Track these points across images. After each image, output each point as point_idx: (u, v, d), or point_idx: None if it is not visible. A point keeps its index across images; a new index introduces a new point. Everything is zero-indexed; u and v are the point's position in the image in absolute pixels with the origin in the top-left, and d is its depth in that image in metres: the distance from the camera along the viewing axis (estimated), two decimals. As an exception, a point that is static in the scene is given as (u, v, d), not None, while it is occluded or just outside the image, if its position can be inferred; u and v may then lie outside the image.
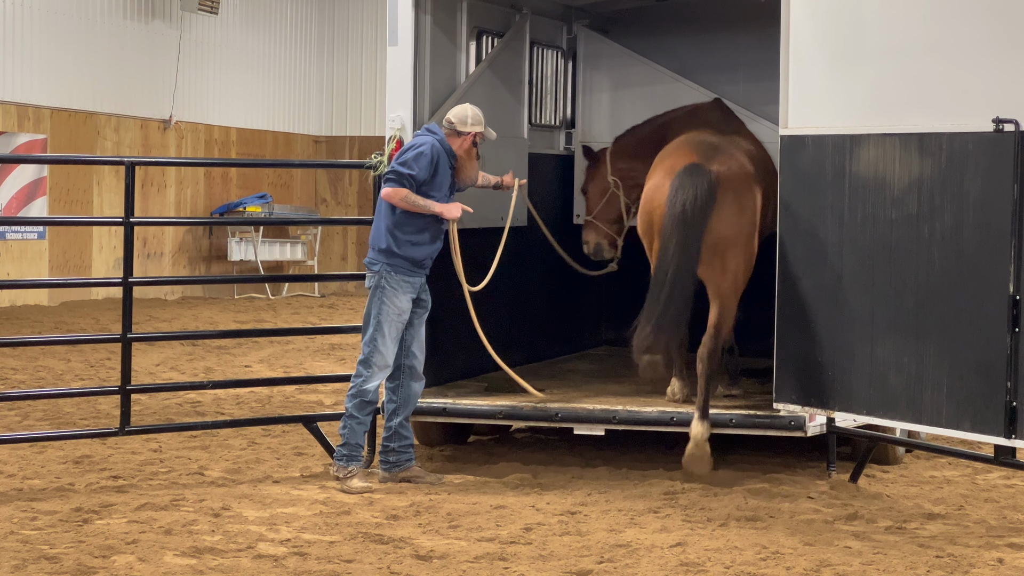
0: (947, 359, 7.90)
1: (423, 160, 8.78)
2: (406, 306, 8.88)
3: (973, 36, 7.86)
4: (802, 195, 8.64)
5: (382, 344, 8.81)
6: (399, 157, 8.90)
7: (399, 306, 8.84)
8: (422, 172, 8.77)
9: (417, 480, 8.91)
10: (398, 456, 8.98)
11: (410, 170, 8.77)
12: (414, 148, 8.86)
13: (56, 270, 21.37)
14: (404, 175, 8.77)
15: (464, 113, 8.97)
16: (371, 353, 8.82)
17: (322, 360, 15.82)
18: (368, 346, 8.84)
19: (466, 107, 9.03)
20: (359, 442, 8.87)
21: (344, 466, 8.79)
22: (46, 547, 7.08)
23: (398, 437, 8.98)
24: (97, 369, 14.43)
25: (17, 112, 20.87)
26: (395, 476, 8.94)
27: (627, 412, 9.26)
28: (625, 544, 7.29)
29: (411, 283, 8.88)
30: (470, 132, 8.94)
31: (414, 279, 8.89)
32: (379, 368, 8.83)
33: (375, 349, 8.81)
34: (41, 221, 22.65)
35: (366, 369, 8.83)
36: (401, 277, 8.84)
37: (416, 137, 9.04)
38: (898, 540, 7.46)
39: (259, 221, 12.37)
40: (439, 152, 8.86)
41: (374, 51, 27.02)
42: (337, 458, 8.86)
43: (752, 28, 11.09)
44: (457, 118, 8.95)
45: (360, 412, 8.84)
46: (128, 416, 9.02)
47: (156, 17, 23.64)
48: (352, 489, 8.67)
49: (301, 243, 25.81)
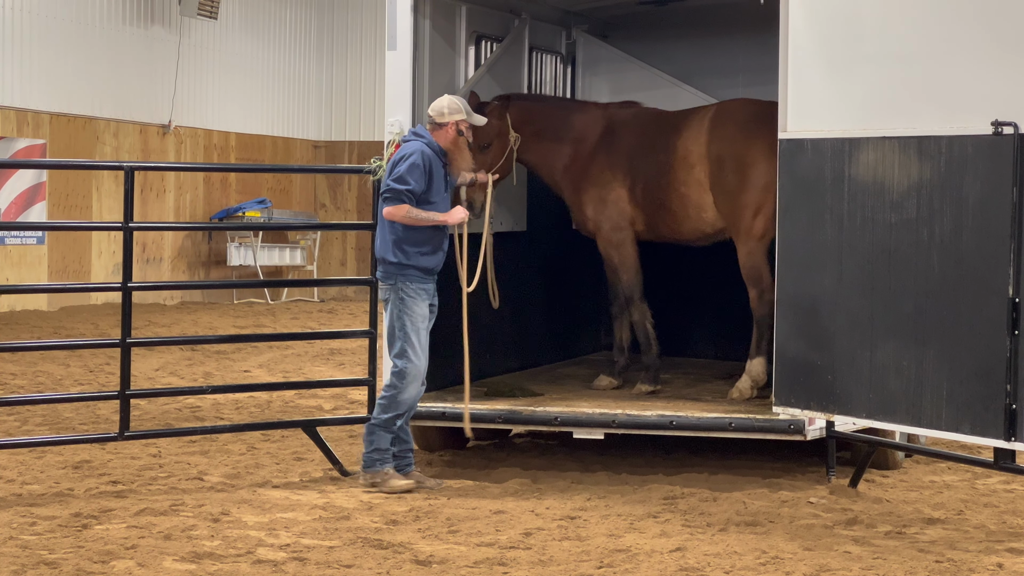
0: (947, 362, 7.89)
1: (416, 172, 8.74)
2: (426, 312, 8.89)
3: (972, 39, 7.85)
4: (801, 199, 8.63)
5: (414, 354, 8.80)
6: (391, 171, 8.83)
7: (421, 313, 8.86)
8: (419, 184, 8.75)
9: (419, 484, 8.90)
10: (398, 461, 8.97)
11: (407, 185, 8.72)
12: (405, 159, 8.79)
13: (55, 275, 21.36)
14: (402, 192, 8.72)
15: (440, 105, 8.95)
16: (405, 365, 8.80)
17: (321, 365, 15.82)
18: (400, 359, 8.80)
19: (443, 98, 9.01)
20: (385, 446, 8.88)
21: (379, 470, 8.81)
22: (45, 552, 7.08)
23: (398, 441, 8.98)
24: (96, 374, 14.43)
25: (16, 117, 20.88)
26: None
27: (626, 416, 9.25)
28: (624, 549, 7.28)
29: (426, 290, 8.89)
30: (449, 122, 8.91)
31: (428, 286, 8.90)
32: (414, 378, 8.82)
33: (408, 360, 8.79)
34: (40, 226, 22.67)
35: (400, 381, 8.80)
36: (417, 285, 8.84)
37: (404, 144, 8.99)
38: (898, 545, 7.45)
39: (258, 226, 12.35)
40: (429, 157, 8.82)
41: (373, 56, 27.03)
42: (367, 465, 8.86)
43: (751, 32, 11.09)
44: (435, 111, 8.94)
45: (391, 424, 8.85)
46: (127, 421, 9.01)
47: (155, 22, 23.66)
48: (395, 488, 8.70)
49: (300, 248, 25.82)
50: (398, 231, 8.85)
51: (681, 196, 10.13)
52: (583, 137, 10.42)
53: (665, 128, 10.37)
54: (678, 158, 10.11)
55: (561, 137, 10.38)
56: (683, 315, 11.98)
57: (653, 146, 10.31)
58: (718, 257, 10.86)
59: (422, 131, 8.98)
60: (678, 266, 11.55)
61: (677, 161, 10.11)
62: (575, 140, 10.41)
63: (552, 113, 10.53)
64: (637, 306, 10.40)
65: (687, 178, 10.08)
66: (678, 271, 11.69)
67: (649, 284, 10.82)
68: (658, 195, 10.24)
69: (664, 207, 10.24)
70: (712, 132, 10.00)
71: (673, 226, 10.31)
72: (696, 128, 10.10)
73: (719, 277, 11.45)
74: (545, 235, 11.25)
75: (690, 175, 10.06)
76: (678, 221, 10.25)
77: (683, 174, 10.09)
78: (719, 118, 10.05)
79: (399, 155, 8.89)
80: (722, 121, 10.01)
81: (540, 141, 10.30)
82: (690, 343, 12.03)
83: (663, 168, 10.19)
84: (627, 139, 10.42)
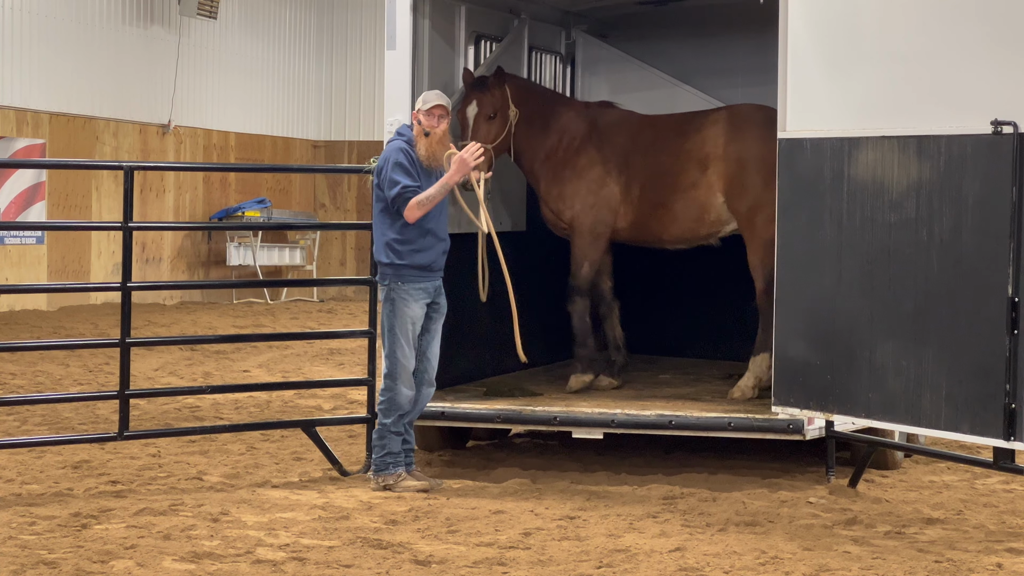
0: (946, 362, 7.89)
1: (400, 169, 8.68)
2: (419, 313, 8.83)
3: (971, 38, 7.85)
4: (800, 198, 8.63)
5: (402, 355, 8.79)
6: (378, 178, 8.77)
7: (411, 315, 8.80)
8: (409, 178, 8.67)
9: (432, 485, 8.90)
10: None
11: (400, 183, 8.63)
12: (388, 163, 8.73)
13: (55, 275, 21.36)
14: (400, 192, 8.61)
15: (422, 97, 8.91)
16: (393, 365, 8.80)
17: (321, 365, 15.82)
18: (389, 359, 8.81)
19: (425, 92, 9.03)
20: (396, 449, 8.87)
21: (391, 473, 8.81)
22: (45, 552, 7.07)
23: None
24: (96, 374, 14.42)
25: (16, 117, 20.88)
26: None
27: (626, 416, 9.25)
28: (624, 549, 7.28)
29: (423, 288, 8.80)
30: (420, 108, 8.81)
31: (427, 284, 8.81)
32: (404, 379, 8.82)
33: (396, 361, 8.79)
34: (40, 226, 22.68)
35: (393, 382, 8.81)
36: (411, 285, 8.78)
37: (386, 148, 8.93)
38: (897, 545, 7.45)
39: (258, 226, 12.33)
40: (407, 151, 8.74)
41: (372, 56, 27.02)
42: (378, 469, 8.84)
43: (750, 32, 11.10)
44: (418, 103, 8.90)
45: (396, 425, 8.84)
46: (127, 421, 9.01)
47: (155, 22, 23.66)
48: (409, 489, 8.70)
49: (300, 248, 25.82)
50: (387, 232, 8.79)
51: (688, 197, 10.17)
52: (570, 129, 10.42)
53: (667, 130, 10.40)
54: (690, 160, 10.16)
55: (549, 125, 10.37)
56: (680, 315, 11.98)
57: (654, 147, 10.33)
58: (716, 257, 10.87)
59: (404, 130, 8.95)
60: (675, 267, 11.55)
61: (688, 162, 10.16)
62: (561, 130, 10.40)
63: (543, 98, 10.54)
64: (584, 299, 10.44)
65: (698, 179, 10.12)
66: (675, 272, 11.69)
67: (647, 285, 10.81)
68: (659, 195, 10.25)
69: (663, 207, 10.25)
70: (730, 134, 10.05)
71: (665, 227, 10.33)
72: (711, 130, 10.15)
73: (716, 277, 11.47)
74: (544, 235, 11.24)
75: (702, 176, 10.10)
76: (675, 222, 10.27)
77: (695, 175, 10.13)
78: (736, 121, 10.12)
79: (381, 161, 8.83)
80: (740, 124, 10.08)
81: (528, 125, 10.28)
82: (688, 343, 12.03)
83: (668, 169, 10.22)
84: (621, 137, 10.44)
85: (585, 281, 10.43)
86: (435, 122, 8.78)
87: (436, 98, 8.83)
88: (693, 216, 10.21)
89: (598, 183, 10.33)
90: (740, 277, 10.23)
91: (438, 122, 8.78)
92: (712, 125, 10.20)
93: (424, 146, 8.77)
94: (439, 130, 8.77)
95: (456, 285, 9.31)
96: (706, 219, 10.19)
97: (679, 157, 10.23)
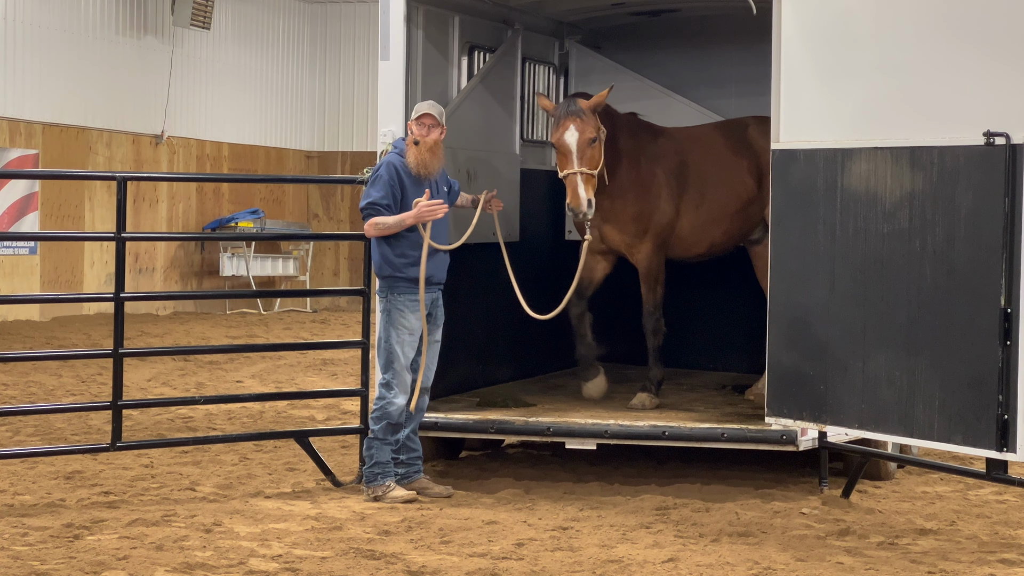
0: (939, 373, 7.89)
1: (379, 183, 8.78)
2: (416, 324, 8.86)
3: (964, 50, 7.86)
4: (794, 209, 8.64)
5: (399, 367, 8.82)
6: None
7: (408, 327, 8.85)
8: (383, 195, 8.74)
9: (426, 491, 8.91)
10: (407, 468, 8.98)
11: (369, 199, 8.78)
12: (374, 173, 8.89)
13: (47, 285, 21.34)
14: (366, 207, 8.79)
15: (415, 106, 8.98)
16: (391, 377, 8.83)
17: (314, 375, 15.81)
18: (386, 371, 8.84)
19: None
20: (387, 459, 8.88)
21: (380, 484, 8.82)
22: (37, 563, 7.06)
23: (406, 449, 8.99)
24: (88, 384, 14.40)
25: (8, 127, 20.87)
26: (405, 487, 8.92)
27: (619, 426, 9.25)
28: (617, 560, 7.28)
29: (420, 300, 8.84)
30: (411, 118, 8.88)
31: (425, 295, 8.86)
32: (401, 390, 8.84)
33: (394, 373, 8.83)
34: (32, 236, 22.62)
35: (388, 392, 8.83)
36: (407, 297, 8.83)
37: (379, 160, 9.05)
38: (890, 556, 7.45)
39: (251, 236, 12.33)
40: (397, 167, 8.80)
41: (366, 66, 27.05)
42: (368, 480, 8.87)
43: (744, 43, 11.10)
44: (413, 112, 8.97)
45: (387, 434, 8.86)
46: (119, 431, 9.00)
47: (148, 32, 23.65)
48: (398, 499, 8.72)
49: (293, 258, 25.81)
50: (382, 244, 8.88)
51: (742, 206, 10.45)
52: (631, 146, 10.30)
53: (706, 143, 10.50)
54: (742, 170, 10.36)
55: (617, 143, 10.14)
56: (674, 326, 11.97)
57: (704, 160, 10.49)
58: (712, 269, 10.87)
59: (399, 143, 9.00)
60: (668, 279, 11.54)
61: (741, 173, 10.41)
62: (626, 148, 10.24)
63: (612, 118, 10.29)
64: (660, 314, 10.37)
65: (743, 191, 10.41)
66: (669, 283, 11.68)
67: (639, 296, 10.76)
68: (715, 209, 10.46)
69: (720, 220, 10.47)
70: (760, 144, 10.16)
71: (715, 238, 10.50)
72: (743, 141, 10.40)
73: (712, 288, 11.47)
74: (537, 246, 11.25)
75: (746, 187, 10.40)
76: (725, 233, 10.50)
77: (749, 182, 10.40)
78: (760, 132, 10.21)
79: (373, 172, 8.93)
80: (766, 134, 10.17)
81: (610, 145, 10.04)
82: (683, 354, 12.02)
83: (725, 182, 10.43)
84: (671, 154, 10.41)
85: (661, 297, 10.36)
86: (424, 131, 8.83)
87: (426, 107, 8.89)
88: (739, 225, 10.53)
89: (661, 200, 10.31)
90: (734, 288, 10.23)
91: (428, 131, 8.83)
92: (740, 135, 10.44)
93: (413, 155, 8.83)
94: (429, 139, 8.82)
95: (450, 296, 9.31)
96: (745, 229, 10.52)
97: (734, 170, 10.46)
